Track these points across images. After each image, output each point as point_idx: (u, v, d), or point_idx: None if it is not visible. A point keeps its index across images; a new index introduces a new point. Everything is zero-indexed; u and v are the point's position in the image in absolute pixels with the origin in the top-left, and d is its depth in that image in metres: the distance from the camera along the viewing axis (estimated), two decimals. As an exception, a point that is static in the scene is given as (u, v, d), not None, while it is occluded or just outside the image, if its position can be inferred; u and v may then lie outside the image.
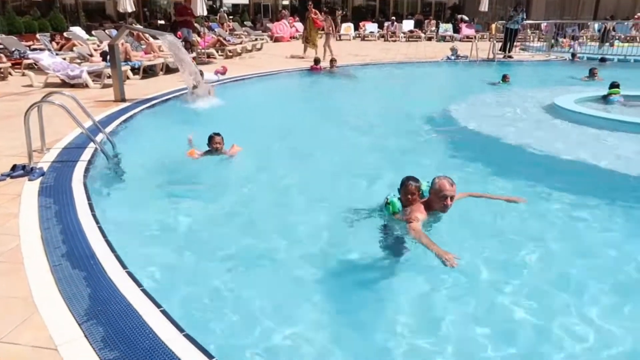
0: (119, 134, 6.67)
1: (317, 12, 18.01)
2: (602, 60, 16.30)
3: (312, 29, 17.67)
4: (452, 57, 17.26)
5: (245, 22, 29.76)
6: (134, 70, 11.59)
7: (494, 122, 8.32)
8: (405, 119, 8.65)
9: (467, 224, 4.18)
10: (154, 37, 12.39)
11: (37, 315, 2.75)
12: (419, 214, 3.53)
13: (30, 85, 10.27)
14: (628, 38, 23.42)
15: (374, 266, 3.73)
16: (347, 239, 4.05)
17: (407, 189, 3.78)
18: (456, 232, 3.96)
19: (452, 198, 3.50)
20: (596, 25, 22.40)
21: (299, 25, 29.54)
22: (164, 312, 2.78)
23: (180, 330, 2.63)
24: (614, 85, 9.65)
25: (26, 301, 2.87)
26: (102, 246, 3.53)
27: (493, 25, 24.37)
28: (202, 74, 9.35)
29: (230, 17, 31.73)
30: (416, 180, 3.80)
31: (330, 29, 17.54)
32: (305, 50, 17.79)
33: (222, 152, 5.82)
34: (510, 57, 18.03)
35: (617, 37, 22.76)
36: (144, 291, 2.99)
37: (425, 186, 3.77)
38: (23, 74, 11.33)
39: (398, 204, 3.82)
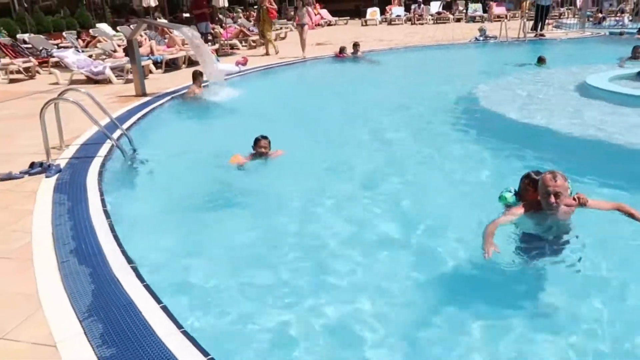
0: (137, 129, 6.73)
1: (272, 0, 15.47)
2: (641, 33, 15.50)
3: (265, 20, 15.02)
4: (481, 38, 16.76)
5: (270, 12, 29.60)
6: (157, 64, 11.69)
7: (523, 105, 7.99)
8: (431, 105, 8.37)
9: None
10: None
11: (41, 311, 2.77)
12: (516, 210, 3.34)
13: (57, 83, 10.52)
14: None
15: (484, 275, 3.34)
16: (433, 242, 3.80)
17: (522, 182, 3.57)
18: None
19: (557, 195, 3.11)
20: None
21: (325, 12, 29.31)
22: (164, 309, 2.75)
23: (179, 326, 2.60)
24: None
25: (32, 298, 2.90)
26: (110, 242, 3.54)
27: (524, 3, 23.51)
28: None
29: (255, 6, 31.66)
30: (537, 173, 3.47)
31: (308, 19, 15.49)
32: (267, 48, 15.29)
33: (267, 156, 5.41)
34: (542, 35, 17.34)
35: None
36: (147, 287, 2.97)
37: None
38: (50, 72, 11.61)
39: (510, 199, 3.66)
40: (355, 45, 13.69)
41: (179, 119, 7.79)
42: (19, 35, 16.05)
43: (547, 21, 18.18)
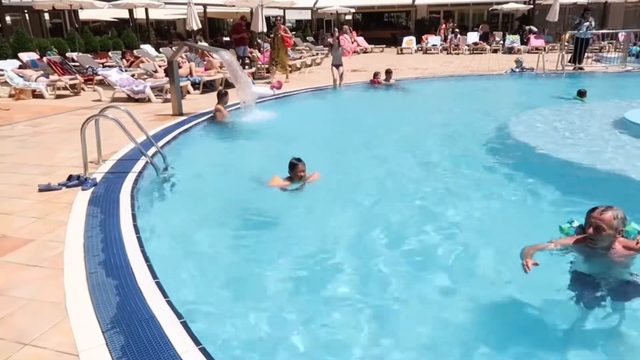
0: (171, 147, 6.93)
1: (287, 29, 15.56)
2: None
3: (280, 48, 15.16)
4: (517, 70, 16.61)
5: (307, 38, 30.30)
6: (195, 85, 12.06)
7: (561, 139, 7.87)
8: (465, 135, 8.29)
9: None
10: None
11: (67, 320, 2.86)
12: (564, 240, 3.31)
13: (99, 100, 10.99)
14: None
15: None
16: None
17: (587, 215, 3.39)
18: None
19: (597, 229, 3.00)
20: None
21: (361, 40, 29.70)
22: (184, 324, 2.81)
23: (197, 343, 2.64)
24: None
25: (59, 306, 3.00)
26: (137, 256, 3.64)
27: (564, 36, 23.22)
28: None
29: (293, 32, 32.48)
30: (608, 209, 3.24)
31: (343, 47, 14.99)
32: (273, 73, 14.74)
33: (304, 180, 5.28)
34: (581, 68, 17.07)
35: None
36: (169, 302, 3.03)
37: (632, 227, 3.29)
38: (94, 90, 12.14)
39: (566, 229, 3.60)
40: (388, 72, 13.76)
41: (212, 139, 7.98)
42: (68, 54, 16.89)
43: (586, 54, 17.90)
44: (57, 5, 18.62)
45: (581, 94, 11.23)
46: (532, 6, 31.14)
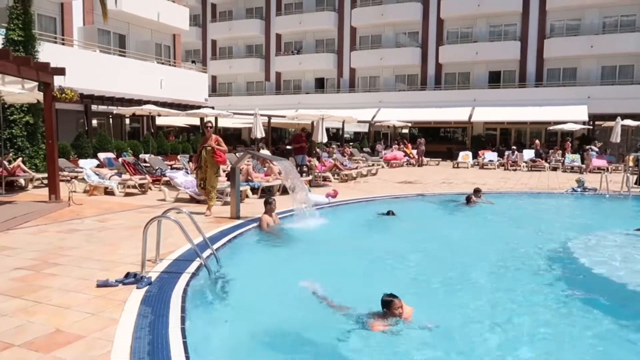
0: (226, 249, 7.05)
1: (220, 139, 10.15)
2: None
3: (210, 165, 9.90)
4: (578, 189, 16.16)
5: (364, 149, 31.40)
6: (254, 189, 12.54)
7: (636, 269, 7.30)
8: (527, 259, 7.81)
9: None
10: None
11: None
12: None
13: (164, 200, 11.59)
14: None
15: None
16: None
17: None
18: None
19: None
20: None
21: (415, 153, 30.35)
22: None
23: None
24: None
25: (98, 412, 2.93)
26: (181, 362, 3.57)
27: (629, 157, 22.71)
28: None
29: (351, 143, 33.90)
30: None
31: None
32: (209, 202, 10.02)
33: (401, 317, 4.64)
34: (648, 191, 16.41)
35: None
36: (207, 418, 2.90)
37: None
38: (160, 189, 12.88)
39: None
40: (477, 191, 13.51)
41: (266, 245, 8.00)
42: (141, 155, 18.30)
43: (654, 177, 17.30)
44: (137, 112, 20.56)
45: None
46: (591, 127, 31.11)
